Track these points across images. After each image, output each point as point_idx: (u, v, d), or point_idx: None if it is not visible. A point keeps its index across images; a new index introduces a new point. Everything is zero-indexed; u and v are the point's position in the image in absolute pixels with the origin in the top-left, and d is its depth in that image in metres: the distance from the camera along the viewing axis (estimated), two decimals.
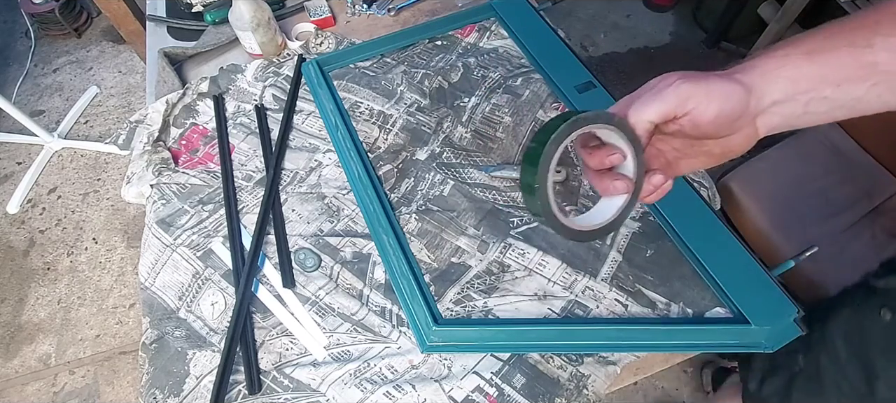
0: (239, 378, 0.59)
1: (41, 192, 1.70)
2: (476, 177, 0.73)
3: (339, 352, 0.60)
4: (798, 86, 0.30)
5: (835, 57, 0.29)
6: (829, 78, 0.29)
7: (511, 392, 0.57)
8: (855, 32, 0.29)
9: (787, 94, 0.30)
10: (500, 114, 0.78)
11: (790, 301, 0.59)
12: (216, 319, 0.64)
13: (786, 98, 0.30)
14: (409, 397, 0.57)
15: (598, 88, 0.79)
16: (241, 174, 0.76)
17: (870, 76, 0.28)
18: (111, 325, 1.43)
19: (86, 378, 1.36)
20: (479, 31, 0.92)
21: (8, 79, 2.01)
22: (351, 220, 0.71)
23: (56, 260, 1.55)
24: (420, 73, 0.84)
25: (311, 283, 0.65)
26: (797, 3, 1.51)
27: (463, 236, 0.68)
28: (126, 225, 1.61)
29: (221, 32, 0.91)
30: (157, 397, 0.59)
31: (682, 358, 0.63)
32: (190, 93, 0.84)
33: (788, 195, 1.08)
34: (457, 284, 0.64)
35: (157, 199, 0.73)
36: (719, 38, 1.87)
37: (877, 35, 0.28)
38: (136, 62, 2.01)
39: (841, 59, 0.29)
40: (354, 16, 0.97)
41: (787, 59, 0.30)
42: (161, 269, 0.67)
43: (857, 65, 0.28)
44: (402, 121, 0.79)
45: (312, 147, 0.78)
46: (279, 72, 0.87)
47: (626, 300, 0.62)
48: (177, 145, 0.80)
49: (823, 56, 0.29)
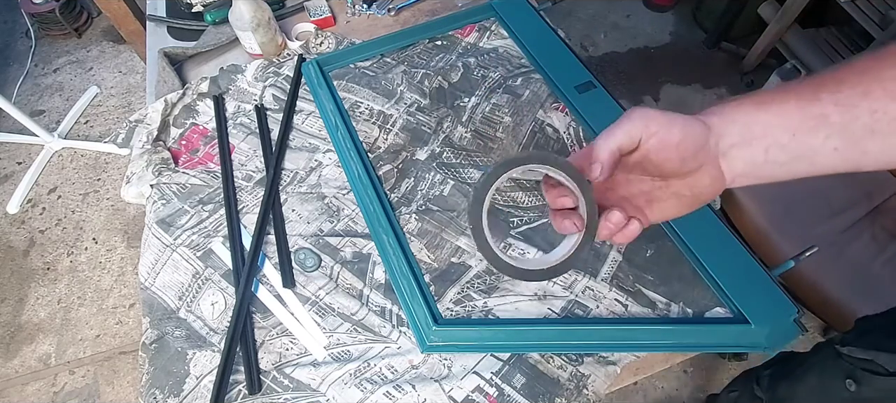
0: (239, 378, 0.59)
1: (41, 192, 1.69)
2: (476, 177, 0.73)
3: (339, 352, 0.60)
4: (752, 130, 0.31)
5: (783, 107, 0.30)
6: (782, 125, 0.30)
7: (511, 392, 0.57)
8: (801, 87, 0.30)
9: (744, 138, 0.31)
10: (500, 114, 0.78)
11: (790, 301, 0.59)
12: (216, 319, 0.64)
13: (742, 141, 0.31)
14: (409, 397, 0.57)
15: (598, 88, 0.79)
16: (241, 174, 0.76)
17: (821, 127, 0.29)
18: (111, 325, 1.43)
19: (86, 378, 1.35)
20: (479, 31, 0.92)
21: (8, 79, 2.01)
22: (351, 220, 0.71)
23: (56, 260, 1.55)
24: (420, 73, 0.84)
25: (311, 283, 0.65)
26: (797, 3, 1.51)
27: (463, 236, 0.68)
28: (126, 225, 1.61)
29: (221, 32, 0.91)
30: (157, 397, 0.59)
31: (682, 358, 0.63)
32: (190, 93, 0.84)
33: (788, 195, 1.08)
34: (457, 284, 0.64)
35: (157, 199, 0.73)
36: (719, 38, 1.87)
37: (822, 91, 0.29)
38: (137, 62, 2.01)
39: (789, 109, 0.30)
40: (354, 16, 0.97)
41: (740, 105, 0.32)
42: (161, 269, 0.67)
43: (806, 115, 0.29)
44: (402, 121, 0.79)
45: (312, 147, 0.78)
46: (279, 72, 0.87)
47: (626, 300, 0.62)
48: (177, 145, 0.80)
49: (773, 105, 0.30)
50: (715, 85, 1.82)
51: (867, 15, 1.35)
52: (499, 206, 0.70)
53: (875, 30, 1.32)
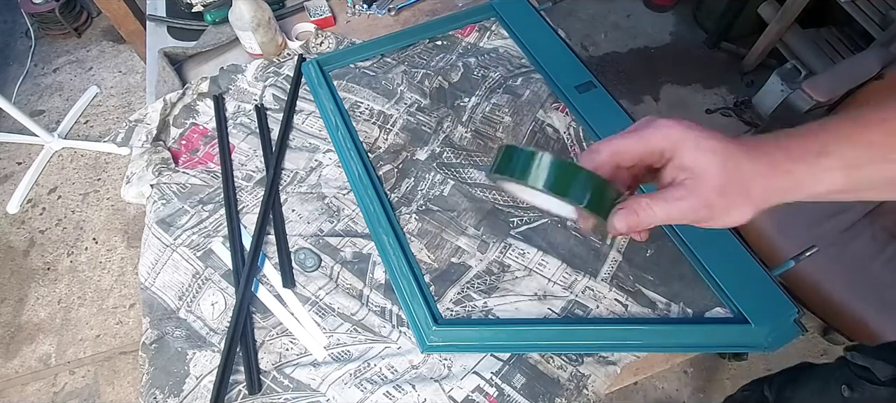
0: (239, 378, 0.59)
1: (41, 192, 1.69)
2: (476, 177, 0.73)
3: (339, 352, 0.60)
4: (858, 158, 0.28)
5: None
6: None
7: (511, 392, 0.57)
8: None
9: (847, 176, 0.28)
10: (500, 114, 0.78)
11: (790, 301, 0.59)
12: (216, 319, 0.64)
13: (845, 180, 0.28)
14: (409, 397, 0.57)
15: (599, 88, 0.79)
16: (241, 174, 0.76)
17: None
18: (111, 325, 1.43)
19: (86, 379, 1.36)
20: (480, 30, 0.92)
21: (8, 79, 2.01)
22: (351, 220, 0.71)
23: (56, 260, 1.55)
24: (420, 73, 0.84)
25: (311, 283, 0.65)
26: (797, 3, 1.51)
27: (463, 236, 0.68)
28: (126, 225, 1.61)
29: (221, 32, 0.91)
30: (157, 397, 0.59)
31: (682, 358, 0.63)
32: (190, 93, 0.84)
33: None
34: (457, 284, 0.64)
35: (157, 199, 0.73)
36: (720, 38, 1.87)
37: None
38: (136, 62, 2.01)
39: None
40: (354, 16, 0.97)
41: (840, 148, 0.28)
42: (161, 269, 0.67)
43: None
44: (402, 121, 0.79)
45: (312, 147, 0.78)
46: (279, 72, 0.86)
47: (626, 300, 0.62)
48: (177, 145, 0.80)
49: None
50: (715, 85, 1.82)
51: (867, 15, 1.35)
52: (499, 206, 0.70)
53: (875, 30, 1.32)
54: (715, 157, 0.28)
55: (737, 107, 1.74)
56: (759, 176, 0.28)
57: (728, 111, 1.74)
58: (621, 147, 0.30)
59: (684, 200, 0.29)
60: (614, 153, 0.30)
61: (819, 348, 1.30)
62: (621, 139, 0.30)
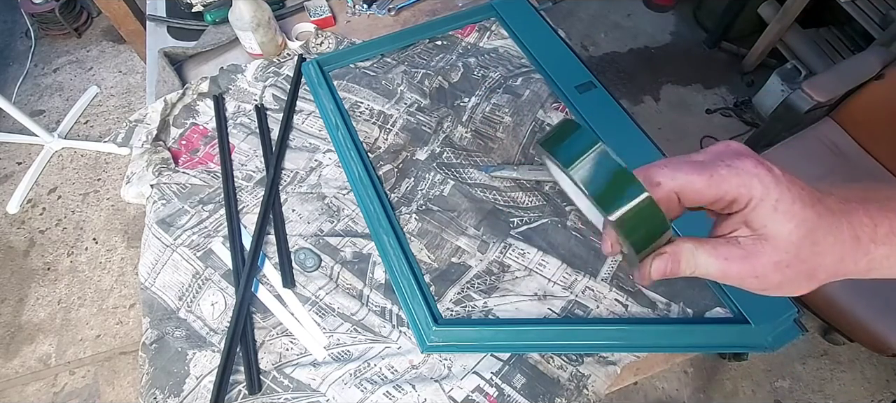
0: (239, 378, 0.59)
1: (41, 192, 1.69)
2: (476, 177, 0.73)
3: (339, 352, 0.60)
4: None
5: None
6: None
7: (511, 392, 0.57)
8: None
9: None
10: (500, 114, 0.78)
11: (790, 301, 0.59)
12: (216, 319, 0.64)
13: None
14: (409, 397, 0.57)
15: (599, 88, 0.79)
16: (241, 174, 0.76)
17: None
18: (111, 325, 1.43)
19: (86, 379, 1.35)
20: (480, 30, 0.91)
21: (8, 79, 2.01)
22: (351, 220, 0.71)
23: (56, 261, 1.55)
24: (420, 73, 0.84)
25: (311, 283, 0.65)
26: (797, 3, 1.51)
27: (463, 236, 0.68)
28: (126, 225, 1.61)
29: (221, 32, 0.91)
30: (157, 397, 0.59)
31: (683, 358, 0.63)
32: (190, 93, 0.84)
33: None
34: (457, 284, 0.64)
35: (157, 199, 0.73)
36: (720, 38, 1.87)
37: None
38: (137, 62, 2.01)
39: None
40: (354, 16, 0.97)
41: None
42: (161, 269, 0.67)
43: None
44: (402, 121, 0.79)
45: (312, 147, 0.78)
46: (279, 72, 0.86)
47: (626, 300, 0.62)
48: (177, 145, 0.80)
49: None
50: (715, 85, 1.82)
51: (867, 15, 1.35)
52: (499, 206, 0.70)
53: (875, 30, 1.32)
54: (793, 229, 0.23)
55: (737, 107, 1.74)
56: (835, 257, 0.24)
57: (728, 111, 1.74)
58: (687, 185, 0.24)
59: (736, 264, 0.24)
60: (678, 191, 0.25)
61: (819, 348, 1.30)
62: (689, 174, 0.24)
